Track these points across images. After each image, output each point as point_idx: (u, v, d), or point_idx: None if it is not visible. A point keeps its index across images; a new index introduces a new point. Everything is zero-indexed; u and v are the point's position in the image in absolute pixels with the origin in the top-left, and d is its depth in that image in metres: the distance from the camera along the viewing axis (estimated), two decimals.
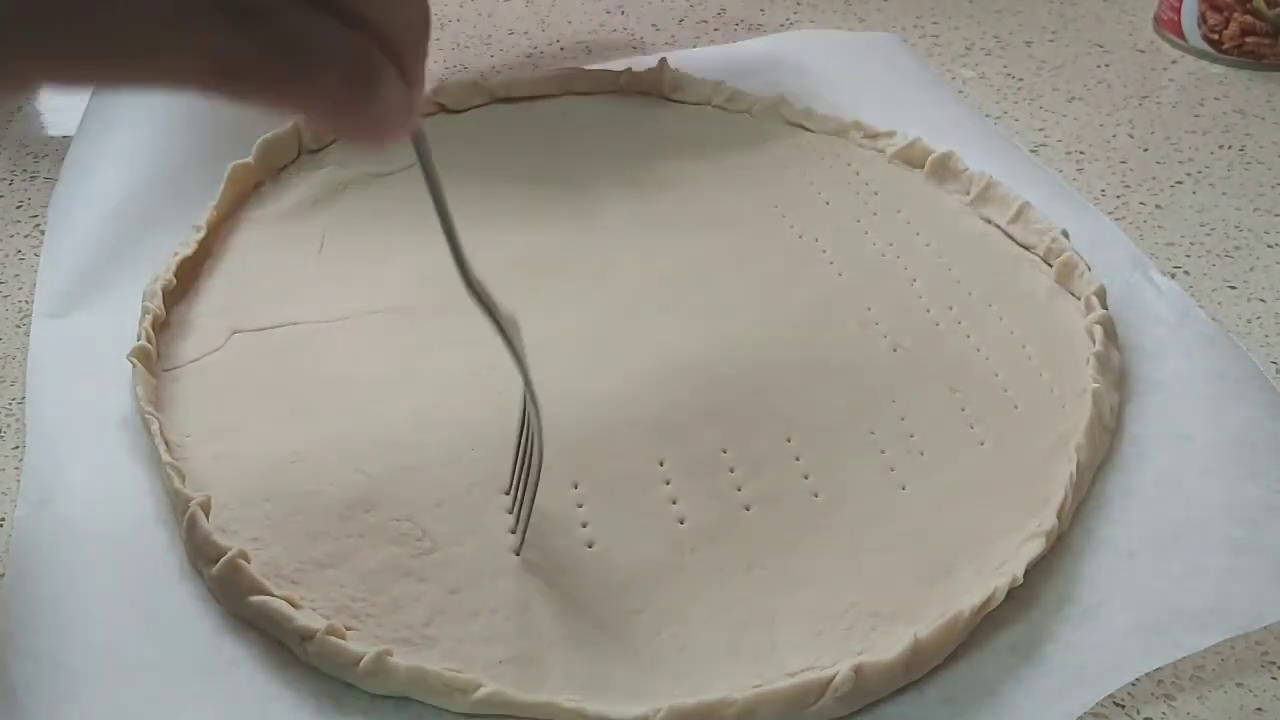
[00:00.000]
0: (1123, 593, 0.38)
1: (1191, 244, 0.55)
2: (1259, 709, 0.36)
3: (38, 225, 0.55)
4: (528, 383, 0.38)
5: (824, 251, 0.52)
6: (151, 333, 0.46)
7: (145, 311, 0.46)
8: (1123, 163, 0.61)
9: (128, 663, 0.35)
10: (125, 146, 0.56)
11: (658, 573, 0.38)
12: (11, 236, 0.55)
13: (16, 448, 0.44)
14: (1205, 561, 0.38)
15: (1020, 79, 0.69)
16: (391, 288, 0.50)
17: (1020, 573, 0.37)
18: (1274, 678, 0.37)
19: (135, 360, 0.44)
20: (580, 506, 0.40)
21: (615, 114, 0.61)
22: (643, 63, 0.63)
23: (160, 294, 0.47)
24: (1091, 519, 0.40)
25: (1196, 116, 0.65)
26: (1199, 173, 0.61)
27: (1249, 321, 0.51)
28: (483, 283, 0.36)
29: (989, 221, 0.54)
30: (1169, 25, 0.72)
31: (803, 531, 0.40)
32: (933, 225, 0.54)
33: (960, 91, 0.67)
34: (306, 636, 0.35)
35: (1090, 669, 0.35)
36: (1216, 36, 0.69)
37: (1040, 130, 0.64)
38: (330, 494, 0.41)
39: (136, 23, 0.25)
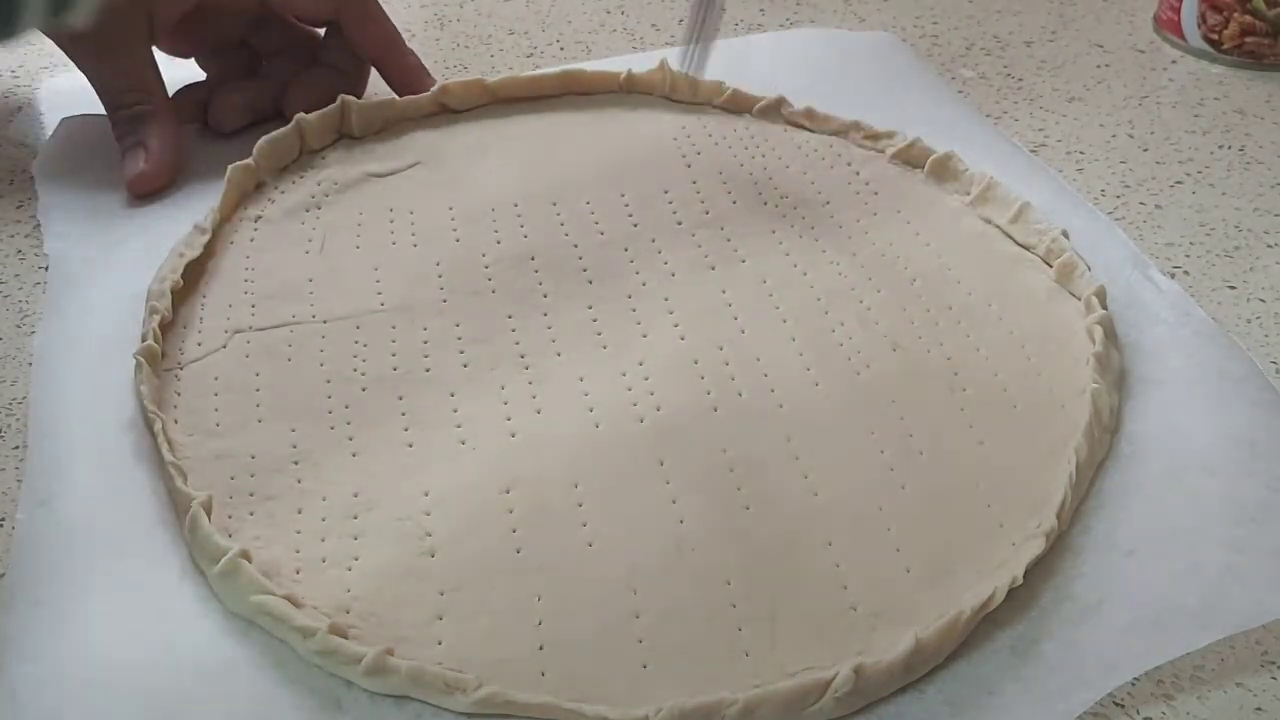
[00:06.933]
0: (1122, 591, 0.38)
1: (1191, 244, 0.55)
2: (1259, 709, 0.36)
3: (38, 225, 0.55)
4: None
5: (824, 251, 0.52)
6: (159, 333, 0.46)
7: (153, 312, 0.47)
8: (1123, 163, 0.61)
9: (128, 663, 0.35)
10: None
11: (658, 573, 0.38)
12: (12, 236, 0.55)
13: (17, 448, 0.44)
14: (1205, 560, 0.38)
15: (1020, 79, 0.69)
16: (391, 288, 0.50)
17: (1020, 573, 0.37)
18: (1274, 678, 0.37)
19: (142, 360, 0.44)
20: (580, 506, 0.40)
21: (615, 114, 0.61)
22: (643, 63, 0.63)
23: (169, 294, 0.47)
24: (1091, 518, 0.40)
25: (1196, 116, 0.65)
26: (1199, 173, 0.61)
27: (1249, 321, 0.51)
28: None
29: (989, 221, 0.54)
30: (1169, 25, 0.72)
31: (803, 531, 0.40)
32: (933, 225, 0.54)
33: (960, 91, 0.67)
34: (308, 635, 0.35)
35: (1090, 668, 0.35)
36: (1216, 36, 0.69)
37: (1040, 130, 0.64)
38: (330, 494, 0.41)
39: None
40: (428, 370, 0.46)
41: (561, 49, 0.71)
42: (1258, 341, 0.49)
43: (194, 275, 0.50)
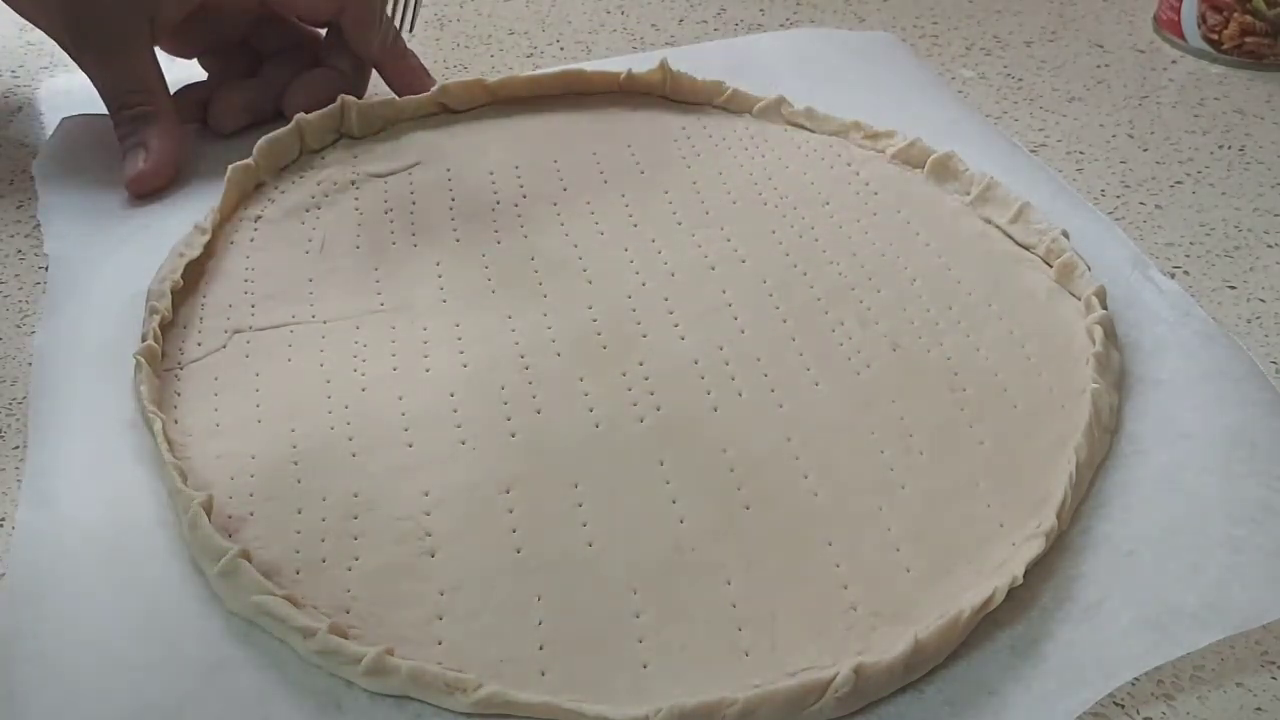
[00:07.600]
0: (1122, 591, 0.38)
1: (1191, 244, 0.55)
2: (1259, 709, 0.36)
3: (38, 225, 0.55)
4: None
5: (824, 251, 0.52)
6: (159, 333, 0.46)
7: (153, 312, 0.47)
8: (1123, 163, 0.61)
9: (129, 663, 0.35)
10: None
11: (658, 573, 0.38)
12: (12, 237, 0.55)
13: (17, 448, 0.44)
14: (1205, 560, 0.38)
15: (1020, 79, 0.69)
16: (391, 287, 0.50)
17: (1020, 573, 0.37)
18: (1274, 678, 0.37)
19: (143, 360, 0.44)
20: (580, 506, 0.40)
21: (615, 114, 0.61)
22: (643, 63, 0.63)
23: (169, 294, 0.47)
24: (1090, 517, 0.40)
25: (1196, 116, 0.65)
26: (1199, 173, 0.61)
27: (1249, 321, 0.51)
28: None
29: (989, 221, 0.54)
30: (1169, 25, 0.72)
31: (803, 531, 0.40)
32: (933, 225, 0.54)
33: (960, 91, 0.67)
34: (308, 635, 0.35)
35: (1090, 668, 0.35)
36: (1216, 36, 0.69)
37: (1040, 130, 0.64)
38: (330, 494, 0.41)
39: None
40: (428, 370, 0.46)
41: (561, 49, 0.71)
42: (1258, 341, 0.49)
43: (194, 275, 0.50)
